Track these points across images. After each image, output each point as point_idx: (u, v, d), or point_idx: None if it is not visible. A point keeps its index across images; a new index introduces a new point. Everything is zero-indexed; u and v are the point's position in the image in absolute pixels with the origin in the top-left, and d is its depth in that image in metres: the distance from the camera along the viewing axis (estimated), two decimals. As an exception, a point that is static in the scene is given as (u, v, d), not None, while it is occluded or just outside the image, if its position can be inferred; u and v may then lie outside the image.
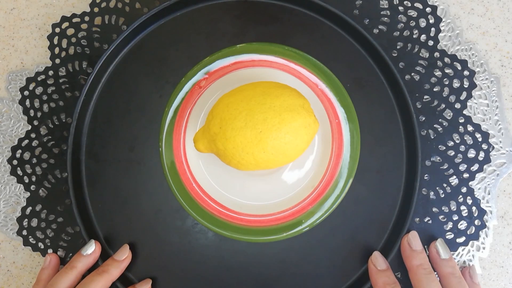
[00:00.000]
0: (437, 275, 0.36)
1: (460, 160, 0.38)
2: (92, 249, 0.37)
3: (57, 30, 0.40)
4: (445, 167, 0.38)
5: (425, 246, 0.38)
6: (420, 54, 0.39)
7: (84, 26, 0.40)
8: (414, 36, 0.39)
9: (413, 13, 0.39)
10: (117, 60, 0.39)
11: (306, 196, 0.38)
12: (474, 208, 0.38)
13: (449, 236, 0.38)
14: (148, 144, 0.39)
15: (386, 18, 0.39)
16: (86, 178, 0.39)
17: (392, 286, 0.35)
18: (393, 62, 0.38)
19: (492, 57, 0.40)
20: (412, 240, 0.37)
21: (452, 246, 0.38)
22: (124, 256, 0.37)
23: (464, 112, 0.39)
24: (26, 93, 0.40)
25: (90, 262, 0.37)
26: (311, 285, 0.37)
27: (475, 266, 0.38)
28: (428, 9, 0.39)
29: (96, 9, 0.40)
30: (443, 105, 0.39)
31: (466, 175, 0.38)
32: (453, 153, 0.38)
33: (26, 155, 0.39)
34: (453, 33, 0.40)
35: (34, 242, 0.39)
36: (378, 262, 0.36)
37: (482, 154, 0.38)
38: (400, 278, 0.37)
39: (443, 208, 0.38)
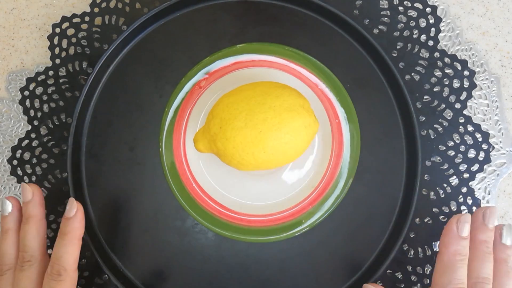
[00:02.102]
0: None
1: (460, 160, 0.38)
2: (10, 207, 0.35)
3: (57, 30, 0.40)
4: (445, 167, 0.38)
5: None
6: (420, 54, 0.39)
7: (84, 26, 0.40)
8: (414, 36, 0.39)
9: (413, 13, 0.39)
10: (117, 60, 0.39)
11: (306, 196, 0.38)
12: (474, 208, 0.38)
13: (449, 236, 0.38)
14: (148, 144, 0.39)
15: (386, 18, 0.39)
16: (86, 178, 0.39)
17: (463, 258, 0.33)
18: (393, 62, 0.38)
19: (492, 57, 0.40)
20: (489, 215, 0.34)
21: (452, 246, 0.38)
22: (74, 209, 0.35)
23: (464, 112, 0.39)
24: (26, 93, 0.40)
25: (16, 216, 0.36)
26: (311, 285, 0.37)
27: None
28: (428, 9, 0.39)
29: (96, 9, 0.40)
30: (443, 105, 0.39)
31: (466, 175, 0.38)
32: (453, 153, 0.38)
33: (26, 155, 0.39)
34: (453, 33, 0.40)
35: (34, 242, 0.39)
36: (463, 227, 0.34)
37: (482, 154, 0.38)
38: (400, 279, 0.37)
39: (443, 208, 0.38)
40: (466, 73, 0.39)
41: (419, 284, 0.37)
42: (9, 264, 0.34)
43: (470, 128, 0.39)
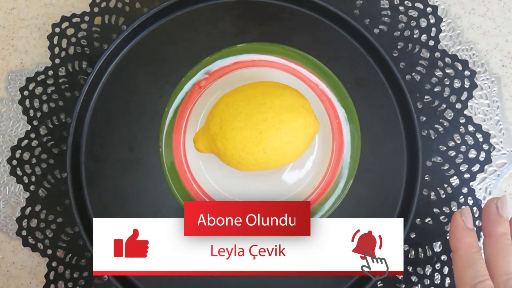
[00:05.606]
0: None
1: (461, 160, 0.38)
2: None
3: (57, 30, 0.40)
4: (446, 168, 0.38)
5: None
6: (421, 54, 0.39)
7: (84, 26, 0.40)
8: (415, 36, 0.39)
9: (413, 13, 0.39)
10: (117, 60, 0.39)
11: (307, 196, 0.37)
12: (475, 208, 0.38)
13: (450, 236, 0.38)
14: (148, 144, 0.39)
15: (386, 18, 0.39)
16: (86, 179, 0.39)
17: (478, 249, 0.32)
18: (394, 62, 0.38)
19: (493, 57, 0.40)
20: (503, 206, 0.33)
21: (453, 246, 0.38)
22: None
23: (465, 112, 0.39)
24: (25, 93, 0.40)
25: None
26: (311, 285, 0.37)
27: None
28: (428, 9, 0.39)
29: (96, 9, 0.40)
30: (444, 105, 0.39)
31: (467, 176, 0.38)
32: (454, 153, 0.38)
33: (26, 155, 0.39)
34: (453, 33, 0.40)
35: (33, 242, 0.39)
36: (468, 219, 0.33)
37: (483, 155, 0.38)
38: (401, 279, 0.37)
39: (444, 209, 0.38)
40: (466, 73, 0.39)
41: (419, 285, 0.37)
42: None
43: (471, 128, 0.38)
